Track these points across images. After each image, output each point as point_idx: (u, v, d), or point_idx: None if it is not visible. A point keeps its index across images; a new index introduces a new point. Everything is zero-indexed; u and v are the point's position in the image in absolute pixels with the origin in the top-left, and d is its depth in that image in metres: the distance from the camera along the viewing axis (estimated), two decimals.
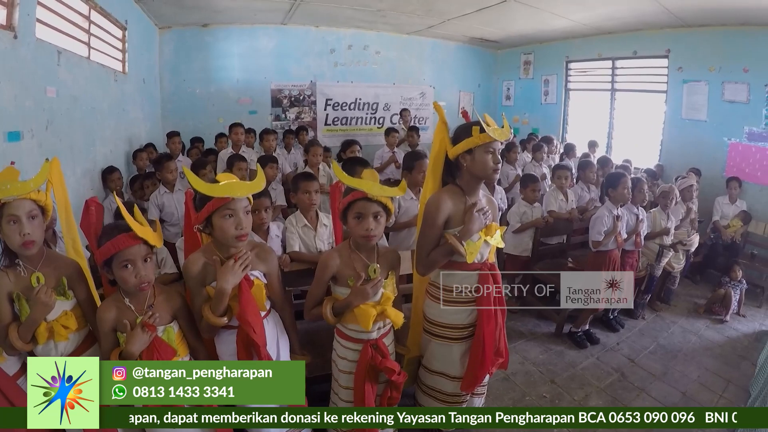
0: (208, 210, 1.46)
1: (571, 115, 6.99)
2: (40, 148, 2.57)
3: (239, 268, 1.48)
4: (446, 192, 1.80)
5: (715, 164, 4.85)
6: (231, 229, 1.46)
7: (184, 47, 5.81)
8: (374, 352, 1.68)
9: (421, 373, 2.00)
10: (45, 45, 2.67)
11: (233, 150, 4.62)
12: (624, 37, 5.73)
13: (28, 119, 2.45)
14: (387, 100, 7.29)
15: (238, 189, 1.46)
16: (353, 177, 2.76)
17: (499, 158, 1.79)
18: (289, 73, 6.51)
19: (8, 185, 1.37)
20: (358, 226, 1.63)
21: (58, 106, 2.81)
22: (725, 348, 3.34)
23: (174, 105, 5.89)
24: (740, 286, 3.77)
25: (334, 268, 1.67)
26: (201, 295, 1.52)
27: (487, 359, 1.80)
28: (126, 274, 1.37)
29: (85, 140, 3.27)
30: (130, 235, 1.36)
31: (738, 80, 4.61)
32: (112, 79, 3.88)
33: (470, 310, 1.84)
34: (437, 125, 1.91)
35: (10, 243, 1.41)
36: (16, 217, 1.39)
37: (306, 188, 2.48)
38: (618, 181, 3.06)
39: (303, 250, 2.50)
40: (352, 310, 1.63)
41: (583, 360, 3.13)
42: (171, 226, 3.47)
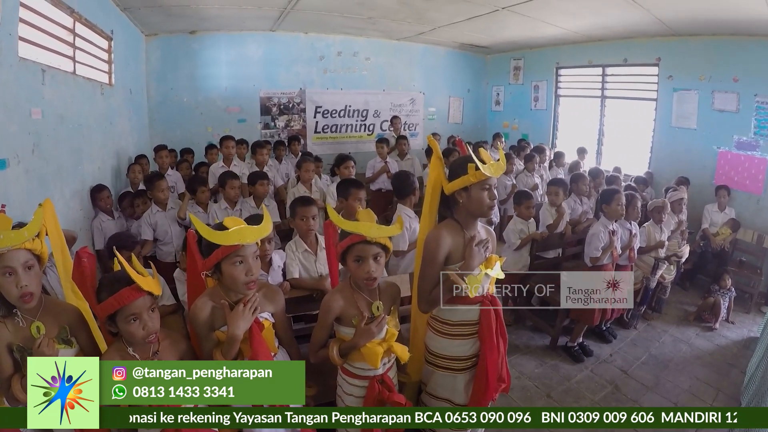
0: (217, 257, 1.44)
1: (561, 121, 7.03)
2: (27, 174, 2.46)
3: (249, 312, 1.46)
4: (445, 228, 1.78)
5: (704, 172, 4.92)
6: (241, 276, 1.45)
7: (171, 55, 5.70)
8: (381, 388, 1.67)
9: (425, 398, 1.99)
10: (28, 64, 2.56)
11: (224, 164, 4.56)
12: (614, 45, 5.77)
13: (14, 145, 2.34)
14: (377, 107, 7.26)
15: (248, 235, 1.43)
16: (348, 196, 2.78)
17: (495, 194, 1.79)
18: (278, 81, 6.44)
19: (1, 235, 1.31)
20: (358, 269, 1.61)
21: (44, 127, 2.70)
22: (715, 356, 3.42)
23: (161, 115, 5.78)
24: (729, 294, 3.86)
25: (337, 310, 1.65)
26: (211, 340, 1.50)
27: (490, 388, 1.82)
28: (133, 329, 1.33)
29: (72, 160, 3.16)
30: (134, 288, 1.31)
31: (728, 89, 4.67)
32: (98, 92, 3.78)
33: (473, 341, 1.84)
34: (432, 160, 1.92)
35: (7, 296, 1.35)
36: (12, 268, 1.33)
37: (304, 214, 2.46)
38: (612, 197, 3.11)
39: (304, 275, 2.48)
40: (359, 350, 1.62)
41: (578, 373, 3.17)
42: (164, 245, 3.46)
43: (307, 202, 2.52)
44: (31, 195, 2.46)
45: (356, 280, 1.66)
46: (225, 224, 1.45)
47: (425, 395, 1.99)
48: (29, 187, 2.47)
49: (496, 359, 1.82)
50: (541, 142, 6.81)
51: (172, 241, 3.43)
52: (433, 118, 7.77)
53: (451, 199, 1.81)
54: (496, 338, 1.82)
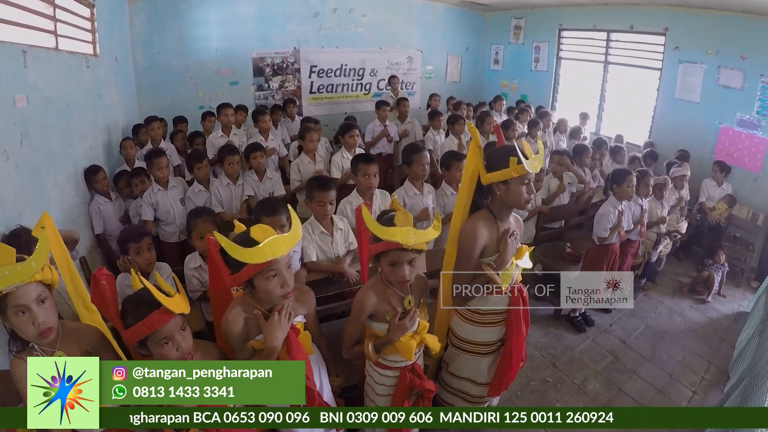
0: (249, 273, 1.37)
1: (562, 84, 6.89)
2: (18, 168, 2.26)
3: (285, 320, 1.43)
4: (480, 220, 1.79)
5: (704, 146, 4.94)
6: (277, 289, 1.40)
7: (156, 17, 5.27)
8: (412, 376, 1.73)
9: (446, 376, 2.09)
10: (8, 48, 2.30)
11: (223, 133, 4.39)
12: (621, 11, 5.57)
13: (0, 140, 2.11)
14: (374, 66, 6.98)
15: (280, 247, 1.36)
16: (356, 172, 2.71)
17: (533, 188, 1.79)
18: (271, 40, 6.09)
19: (6, 271, 1.16)
20: (392, 273, 1.60)
21: (31, 113, 2.47)
22: (707, 329, 3.61)
23: (149, 81, 5.44)
24: (722, 269, 4.02)
25: (371, 308, 1.66)
26: (246, 351, 1.48)
27: (513, 368, 1.94)
28: (166, 351, 1.29)
29: (63, 143, 2.93)
30: (162, 311, 1.25)
31: (734, 67, 4.60)
32: (84, 66, 3.49)
33: (500, 328, 1.93)
34: (470, 148, 1.88)
35: (24, 335, 1.26)
36: (25, 306, 1.22)
37: (322, 199, 2.40)
38: (623, 178, 3.12)
39: (321, 257, 2.48)
40: (393, 344, 1.65)
41: (580, 343, 3.35)
42: (167, 225, 3.33)
43: (326, 186, 2.42)
44: (24, 190, 2.31)
45: (389, 281, 1.66)
46: (254, 237, 1.35)
47: (446, 374, 2.08)
48: (21, 182, 2.29)
49: (521, 344, 1.93)
50: (540, 103, 6.74)
51: (175, 220, 3.30)
52: (430, 77, 7.56)
53: (486, 189, 1.81)
54: (523, 325, 1.91)
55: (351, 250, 2.57)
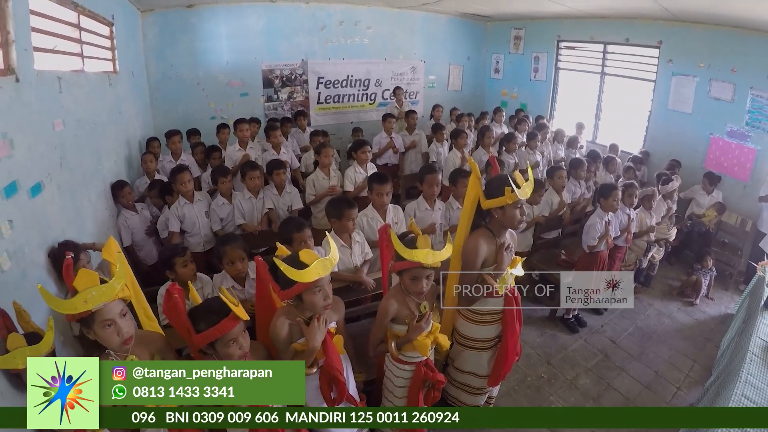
0: (299, 289, 1.64)
1: (560, 93, 7.07)
2: (60, 190, 2.39)
3: (323, 325, 1.72)
4: (481, 237, 2.12)
5: (695, 156, 5.13)
6: (320, 301, 1.68)
7: (168, 30, 5.49)
8: (426, 370, 2.05)
9: (452, 371, 2.41)
10: (45, 76, 2.41)
11: (240, 147, 4.55)
12: (617, 24, 5.73)
13: (44, 165, 2.23)
14: (378, 76, 7.21)
15: (325, 269, 1.64)
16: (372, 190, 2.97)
17: (525, 210, 2.16)
18: (280, 53, 6.31)
19: (93, 292, 1.33)
20: (413, 285, 1.93)
21: (67, 137, 2.60)
22: (694, 330, 3.82)
23: (162, 93, 5.66)
24: (710, 273, 4.23)
25: (393, 313, 1.99)
26: (289, 352, 1.75)
27: (509, 361, 2.27)
28: (232, 351, 1.49)
29: (93, 161, 3.08)
30: (231, 317, 1.47)
31: (725, 79, 4.77)
32: (107, 84, 3.66)
33: (497, 326, 2.26)
34: (471, 179, 2.18)
35: (109, 344, 1.41)
36: (111, 320, 1.39)
37: (350, 216, 2.66)
38: (609, 192, 3.41)
39: (340, 266, 2.72)
40: (411, 342, 1.97)
41: (573, 342, 3.58)
42: (192, 237, 3.48)
43: (352, 205, 2.69)
44: (65, 209, 2.46)
45: (409, 291, 1.97)
46: (303, 260, 1.63)
47: (452, 369, 2.42)
48: (63, 202, 2.43)
49: (516, 340, 2.26)
50: (539, 112, 6.95)
51: (200, 231, 3.47)
52: (433, 86, 7.76)
53: (486, 212, 2.13)
54: (516, 323, 2.24)
55: (367, 259, 2.85)
